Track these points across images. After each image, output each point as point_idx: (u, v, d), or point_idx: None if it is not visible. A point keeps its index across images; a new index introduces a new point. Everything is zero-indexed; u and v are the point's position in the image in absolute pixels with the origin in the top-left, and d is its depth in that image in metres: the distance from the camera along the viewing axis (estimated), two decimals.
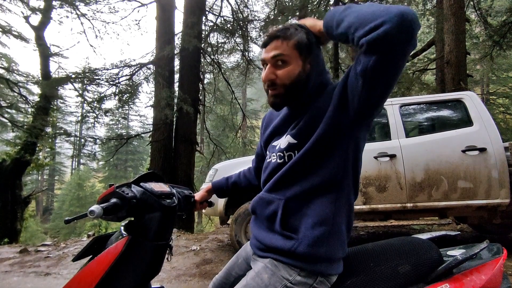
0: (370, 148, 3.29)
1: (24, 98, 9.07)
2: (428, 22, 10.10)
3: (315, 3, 8.72)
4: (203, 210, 1.34)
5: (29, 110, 9.22)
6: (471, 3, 8.26)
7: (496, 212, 3.16)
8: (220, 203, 3.52)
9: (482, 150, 3.06)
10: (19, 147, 8.47)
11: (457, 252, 0.91)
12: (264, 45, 0.91)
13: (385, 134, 3.40)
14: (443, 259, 0.88)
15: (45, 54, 8.80)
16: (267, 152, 1.01)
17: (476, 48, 9.89)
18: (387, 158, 3.22)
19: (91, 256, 0.91)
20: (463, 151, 3.09)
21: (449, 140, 3.18)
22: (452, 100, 3.44)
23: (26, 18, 8.59)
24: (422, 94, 7.78)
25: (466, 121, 3.26)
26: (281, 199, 0.87)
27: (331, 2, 8.63)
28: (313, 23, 0.91)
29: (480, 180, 3.05)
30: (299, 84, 0.89)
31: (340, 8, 0.78)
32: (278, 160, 0.92)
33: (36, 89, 9.98)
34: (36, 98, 9.19)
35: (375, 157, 3.23)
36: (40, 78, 8.70)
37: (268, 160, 0.99)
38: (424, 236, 1.05)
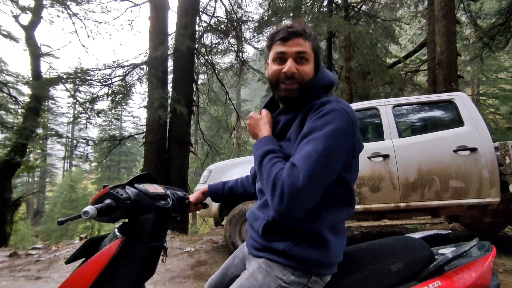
0: (364, 149, 3.30)
1: (14, 99, 8.92)
2: (420, 23, 10.24)
3: (309, 4, 8.78)
4: (198, 212, 1.34)
5: (19, 111, 9.06)
6: (462, 5, 8.40)
7: (486, 210, 3.22)
8: (214, 204, 3.50)
9: (473, 150, 3.11)
10: (9, 148, 8.31)
11: (448, 250, 0.93)
12: (285, 40, 0.90)
13: (379, 135, 3.43)
14: (435, 257, 0.89)
15: (36, 54, 8.66)
16: None
17: (466, 50, 10.07)
18: (381, 158, 3.25)
19: (84, 258, 0.90)
20: (455, 151, 3.14)
21: (441, 140, 3.23)
22: (443, 101, 3.49)
23: (16, 17, 8.44)
24: (414, 95, 7.88)
25: (457, 121, 3.31)
26: (264, 219, 0.89)
27: (325, 4, 8.70)
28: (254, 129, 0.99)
29: (471, 179, 3.10)
30: (309, 84, 0.92)
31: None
32: None
33: (26, 90, 9.82)
34: (27, 99, 9.03)
35: (369, 157, 3.26)
36: (31, 79, 8.56)
37: None
38: (417, 235, 1.06)
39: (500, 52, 10.12)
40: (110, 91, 7.15)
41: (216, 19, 8.74)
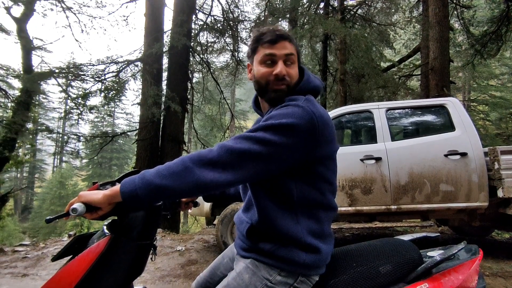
0: (357, 151, 3.34)
1: (4, 92, 8.73)
2: (414, 29, 10.37)
3: (305, 6, 8.81)
4: (189, 211, 1.33)
5: (9, 104, 8.88)
6: (455, 12, 8.54)
7: (475, 214, 3.27)
8: (206, 204, 3.49)
9: (463, 154, 3.16)
10: None
11: (436, 253, 0.94)
12: (273, 42, 0.90)
13: (371, 137, 3.47)
14: (423, 260, 0.90)
15: (27, 47, 8.48)
16: None
17: (459, 56, 10.24)
18: (373, 161, 3.28)
19: (71, 256, 0.89)
20: (445, 155, 3.19)
21: (432, 144, 3.27)
22: (435, 106, 3.54)
23: (8, 9, 8.26)
24: (407, 99, 7.98)
25: (448, 126, 3.36)
26: (248, 222, 0.91)
27: (321, 6, 8.75)
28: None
29: (460, 183, 3.15)
30: (295, 86, 0.92)
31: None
32: None
33: (17, 83, 9.62)
34: (17, 93, 8.85)
35: (361, 160, 3.29)
36: (22, 72, 8.39)
37: None
38: (406, 237, 1.07)
39: (491, 60, 10.31)
40: (103, 87, 7.05)
41: (212, 18, 8.70)
